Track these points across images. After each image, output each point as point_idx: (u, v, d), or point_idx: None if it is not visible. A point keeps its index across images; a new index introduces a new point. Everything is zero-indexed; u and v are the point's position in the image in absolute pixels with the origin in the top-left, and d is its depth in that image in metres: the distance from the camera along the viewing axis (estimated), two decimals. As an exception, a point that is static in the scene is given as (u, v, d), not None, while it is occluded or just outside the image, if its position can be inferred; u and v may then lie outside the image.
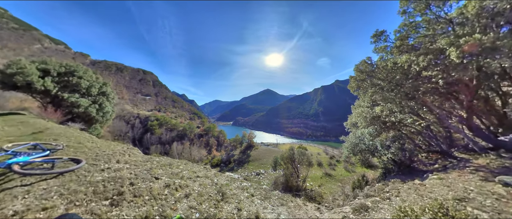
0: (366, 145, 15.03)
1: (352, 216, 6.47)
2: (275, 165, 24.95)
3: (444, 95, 11.17)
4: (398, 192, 8.38)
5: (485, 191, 5.87)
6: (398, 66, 10.51)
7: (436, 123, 12.87)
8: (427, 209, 4.25)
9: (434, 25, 8.85)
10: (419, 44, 9.61)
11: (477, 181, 6.71)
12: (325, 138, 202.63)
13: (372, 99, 14.06)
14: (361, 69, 13.53)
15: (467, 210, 4.89)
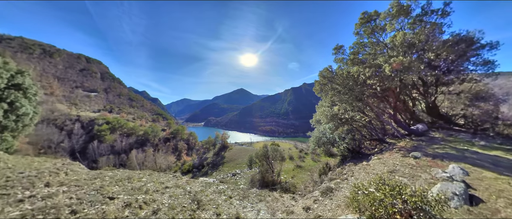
0: (327, 138, 17.30)
1: (321, 198, 7.81)
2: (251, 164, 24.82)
3: (380, 98, 14.65)
4: (352, 172, 10.55)
5: (404, 163, 8.34)
6: (351, 75, 13.13)
7: (375, 118, 16.58)
8: (372, 182, 5.44)
9: (376, 46, 11.68)
10: (365, 59, 12.39)
11: (400, 157, 9.34)
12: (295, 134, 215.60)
13: (332, 101, 16.65)
14: (324, 75, 15.89)
15: (395, 178, 6.95)
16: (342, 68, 14.25)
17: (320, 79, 15.83)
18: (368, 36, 12.46)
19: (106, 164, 34.84)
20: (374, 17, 12.03)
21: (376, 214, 4.07)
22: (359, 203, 4.76)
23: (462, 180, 5.85)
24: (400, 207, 3.92)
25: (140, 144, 57.25)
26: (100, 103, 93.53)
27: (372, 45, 12.24)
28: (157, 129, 68.76)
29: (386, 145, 13.09)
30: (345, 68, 13.89)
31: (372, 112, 15.78)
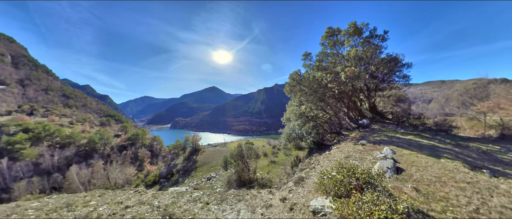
0: (296, 134, 18.84)
1: (295, 187, 8.65)
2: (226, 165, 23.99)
3: (337, 99, 17.32)
4: (318, 162, 12.09)
5: (356, 149, 10.25)
6: (316, 79, 15.02)
7: (333, 115, 19.38)
8: (334, 167, 6.48)
9: (336, 57, 13.86)
10: (327, 66, 14.48)
11: (352, 145, 11.38)
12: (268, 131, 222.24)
13: (300, 100, 18.42)
14: (294, 78, 17.42)
15: (350, 161, 8.49)
16: (309, 73, 16.11)
17: (290, 81, 17.27)
18: (330, 47, 14.82)
19: (27, 191, 25.01)
20: (336, 33, 14.46)
21: (338, 192, 4.86)
22: (326, 186, 5.43)
23: (392, 157, 7.76)
24: (355, 183, 4.88)
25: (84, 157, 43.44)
26: (11, 101, 63.67)
27: (333, 55, 14.60)
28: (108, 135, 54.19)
29: (342, 136, 15.62)
30: (311, 73, 15.79)
31: (331, 110, 18.42)
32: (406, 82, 16.22)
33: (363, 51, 12.28)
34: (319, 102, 16.50)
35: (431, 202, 4.43)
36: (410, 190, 5.05)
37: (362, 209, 3.71)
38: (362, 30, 13.93)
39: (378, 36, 14.47)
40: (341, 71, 12.11)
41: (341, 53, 14.78)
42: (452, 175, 5.76)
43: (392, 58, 15.45)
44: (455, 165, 6.72)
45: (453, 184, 5.20)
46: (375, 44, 14.07)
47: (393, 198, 4.36)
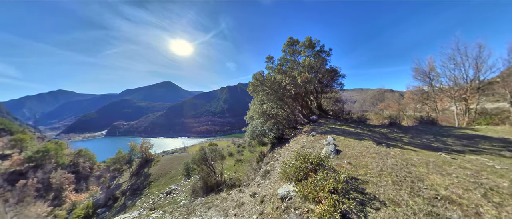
0: (259, 131, 19.46)
1: (262, 181, 9.17)
2: (188, 172, 21.39)
3: (293, 99, 19.76)
4: (280, 154, 13.33)
5: (308, 140, 12.09)
6: (276, 80, 16.54)
7: (290, 113, 21.90)
8: (293, 156, 7.31)
9: (294, 63, 15.86)
10: (287, 71, 16.30)
11: (306, 137, 13.31)
12: (232, 131, 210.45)
13: (262, 100, 19.59)
14: (257, 78, 18.31)
15: (305, 150, 9.96)
16: (271, 75, 17.52)
17: (253, 81, 18.00)
18: (290, 55, 16.99)
19: None
20: (295, 43, 16.75)
21: (299, 177, 5.60)
22: (288, 174, 6.04)
23: (333, 143, 9.77)
24: (310, 167, 5.77)
25: None
26: None
27: (292, 62, 16.79)
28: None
29: (298, 130, 17.96)
30: (273, 75, 17.24)
31: (289, 108, 20.75)
32: (341, 88, 21.40)
33: (315, 61, 14.99)
34: (279, 101, 18.16)
35: (358, 170, 6.02)
36: (346, 164, 6.59)
37: (317, 185, 4.50)
38: (315, 44, 17.02)
39: (325, 52, 18.07)
40: (297, 76, 14.19)
41: (298, 61, 17.22)
42: (368, 150, 8.04)
43: (333, 69, 19.81)
44: (369, 143, 9.38)
45: (369, 155, 7.28)
46: (323, 57, 17.50)
47: (336, 172, 5.55)
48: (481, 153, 7.96)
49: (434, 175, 5.54)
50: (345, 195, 4.37)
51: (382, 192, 4.65)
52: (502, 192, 4.48)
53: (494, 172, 5.76)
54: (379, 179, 5.34)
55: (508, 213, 3.72)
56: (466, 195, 4.39)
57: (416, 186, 4.84)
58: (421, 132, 13.07)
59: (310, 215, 4.09)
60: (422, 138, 11.10)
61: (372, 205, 4.13)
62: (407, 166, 6.23)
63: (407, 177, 5.35)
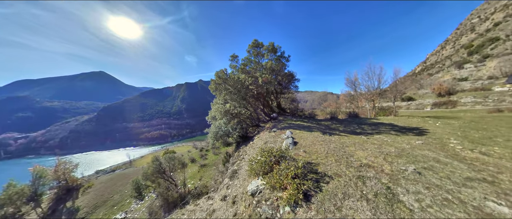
0: (223, 131, 19.20)
1: (231, 182, 8.98)
2: (140, 192, 17.58)
3: (256, 98, 20.61)
4: (245, 152, 13.52)
5: (270, 136, 13.03)
6: (240, 80, 16.65)
7: (253, 112, 22.73)
8: (258, 153, 7.81)
9: (257, 65, 16.43)
10: (250, 71, 16.69)
11: (268, 133, 14.27)
12: (192, 133, 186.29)
13: (225, 99, 19.13)
14: (220, 76, 17.62)
15: (268, 145, 10.69)
16: (235, 74, 17.40)
17: (216, 79, 17.23)
18: (254, 56, 17.55)
19: None
20: (260, 46, 17.45)
21: (265, 170, 5.96)
22: (255, 170, 6.30)
23: (291, 136, 11.08)
24: (274, 160, 6.27)
25: None
26: None
27: (255, 63, 17.44)
28: None
29: (260, 128, 18.91)
30: (236, 74, 17.19)
31: (251, 107, 21.45)
32: (296, 90, 24.65)
33: (275, 65, 16.28)
34: (242, 100, 18.35)
35: (311, 155, 7.18)
36: (302, 152, 7.66)
37: (282, 174, 4.99)
38: (276, 50, 18.49)
39: (285, 58, 20.09)
40: (259, 76, 14.93)
41: (261, 63, 18.08)
42: (317, 139, 9.74)
43: (291, 73, 22.45)
44: (317, 133, 11.37)
45: (318, 143, 8.84)
46: (283, 62, 19.35)
47: (295, 160, 6.34)
48: (381, 133, 11.62)
49: (359, 151, 7.53)
50: (304, 178, 5.11)
51: (329, 169, 5.81)
52: (392, 155, 6.83)
53: (387, 144, 8.57)
54: (326, 160, 6.62)
55: (396, 166, 5.72)
56: (375, 160, 6.33)
57: (349, 160, 6.41)
58: (350, 122, 17.34)
59: (280, 202, 4.48)
60: (350, 127, 14.75)
61: (324, 180, 5.09)
62: (343, 147, 8.08)
63: (343, 155, 6.96)
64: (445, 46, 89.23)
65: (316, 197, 4.40)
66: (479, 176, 5.10)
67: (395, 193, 4.32)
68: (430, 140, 9.19)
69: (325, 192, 4.55)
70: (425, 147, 7.95)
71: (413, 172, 5.33)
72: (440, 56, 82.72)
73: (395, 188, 4.54)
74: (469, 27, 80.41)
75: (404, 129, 12.58)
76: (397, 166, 5.87)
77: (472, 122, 13.62)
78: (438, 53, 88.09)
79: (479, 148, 7.59)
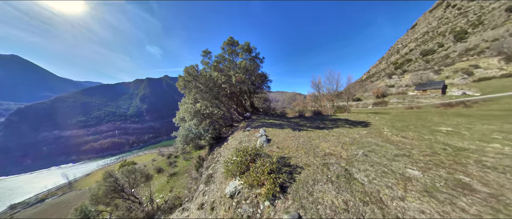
0: (194, 133, 17.81)
1: (207, 187, 8.45)
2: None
3: (229, 98, 20.19)
4: (220, 154, 13.02)
5: (245, 135, 13.10)
6: (212, 78, 15.86)
7: (226, 111, 22.21)
8: (233, 153, 7.82)
9: (231, 63, 15.98)
10: (223, 69, 16.10)
11: (242, 133, 14.28)
12: (156, 139, 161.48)
13: (195, 98, 17.78)
14: (190, 72, 16.14)
15: (243, 145, 10.73)
16: (207, 71, 16.36)
17: (185, 76, 15.74)
18: (229, 54, 16.95)
19: None
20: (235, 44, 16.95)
21: (241, 170, 5.97)
22: (231, 171, 6.23)
23: (265, 134, 11.52)
24: (249, 158, 6.36)
25: None
26: None
27: (229, 61, 16.92)
28: None
29: (234, 127, 18.70)
30: (208, 71, 16.21)
31: (224, 107, 20.90)
32: (269, 90, 25.84)
33: (250, 65, 16.34)
34: (214, 100, 17.59)
35: (284, 150, 7.71)
36: (275, 148, 8.10)
37: (258, 172, 5.13)
38: (251, 50, 18.53)
39: (259, 59, 20.47)
40: (233, 75, 14.65)
41: (235, 61, 17.72)
42: (288, 135, 10.53)
43: (264, 74, 23.26)
44: (288, 130, 12.29)
45: (289, 139, 9.58)
46: (257, 63, 19.64)
47: (270, 156, 6.64)
48: (338, 126, 13.74)
49: (323, 142, 8.64)
50: (279, 172, 5.44)
51: (300, 161, 6.40)
52: (347, 144, 8.21)
53: (343, 135, 10.22)
54: (297, 153, 7.26)
55: (350, 152, 6.93)
56: (335, 149, 7.44)
57: (316, 151, 7.28)
58: (315, 119, 19.60)
59: (259, 198, 4.59)
60: (315, 123, 16.70)
61: (296, 172, 5.57)
62: (310, 141, 9.06)
63: (311, 147, 7.82)
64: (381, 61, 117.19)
65: (291, 187, 4.77)
66: (401, 152, 6.86)
67: (351, 173, 5.26)
68: (372, 130, 11.57)
69: (298, 181, 5.00)
70: (369, 135, 9.95)
71: (362, 155, 6.59)
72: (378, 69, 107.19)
73: (350, 169, 5.51)
74: (396, 50, 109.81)
75: (355, 123, 15.30)
76: (351, 151, 7.11)
77: (396, 115, 18.05)
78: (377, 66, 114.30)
79: (401, 133, 10.16)
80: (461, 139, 8.27)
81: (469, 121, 12.30)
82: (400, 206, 3.85)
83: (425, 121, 13.69)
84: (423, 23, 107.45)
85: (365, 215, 3.63)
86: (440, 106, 20.95)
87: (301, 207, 4.00)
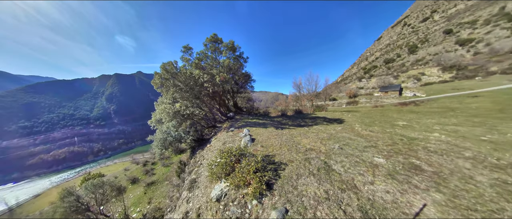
0: (173, 136, 16.29)
1: (191, 194, 7.95)
2: None
3: (211, 98, 19.48)
4: (203, 157, 12.46)
5: (228, 135, 12.87)
6: (193, 76, 15.02)
7: (208, 112, 21.41)
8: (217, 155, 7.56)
9: (214, 61, 15.33)
10: (205, 67, 15.40)
11: (225, 133, 13.99)
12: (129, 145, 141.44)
13: (173, 97, 16.57)
14: (167, 69, 14.87)
15: (227, 145, 10.52)
16: (187, 68, 15.35)
17: (162, 73, 14.51)
18: (212, 52, 16.18)
19: None
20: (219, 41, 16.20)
21: (227, 172, 5.86)
22: (216, 173, 6.06)
23: (249, 134, 11.54)
24: (234, 159, 6.29)
25: None
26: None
27: (212, 59, 16.19)
28: None
29: (217, 128, 18.16)
30: (189, 69, 15.25)
31: (206, 107, 20.11)
32: (252, 90, 25.89)
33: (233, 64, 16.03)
34: (195, 99, 16.74)
35: (268, 149, 7.87)
36: (260, 147, 8.20)
37: (244, 172, 5.11)
38: (236, 49, 18.13)
39: (243, 58, 20.26)
40: (216, 74, 14.17)
41: (218, 59, 17.10)
42: (271, 133, 10.80)
43: (247, 74, 23.22)
44: (272, 129, 12.61)
45: (272, 137, 9.83)
46: (241, 62, 19.39)
47: (255, 156, 6.70)
48: (317, 124, 14.77)
49: (304, 139, 9.15)
50: (265, 170, 5.53)
51: (283, 157, 6.64)
52: (325, 139, 8.91)
53: (322, 131, 11.04)
54: (280, 150, 7.51)
55: (328, 146, 7.55)
56: (315, 144, 7.99)
57: (298, 147, 7.66)
58: (296, 118, 20.60)
59: (247, 198, 4.57)
60: (297, 121, 17.57)
61: (281, 168, 5.76)
62: (292, 138, 9.49)
63: (293, 144, 8.20)
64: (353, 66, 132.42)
65: (277, 183, 4.91)
66: (370, 144, 7.80)
67: (330, 165, 5.72)
68: (346, 126, 12.81)
69: (283, 177, 5.18)
70: (343, 131, 10.99)
71: (338, 148, 7.24)
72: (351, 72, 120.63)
73: (329, 161, 6.00)
74: (365, 57, 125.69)
75: (331, 120, 16.67)
76: (329, 146, 7.73)
77: (365, 113, 20.39)
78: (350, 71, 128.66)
79: (369, 128, 11.54)
80: (413, 131, 9.89)
81: (418, 117, 14.79)
82: (371, 189, 4.41)
83: (387, 117, 15.88)
84: (386, 37, 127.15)
85: (343, 201, 4.02)
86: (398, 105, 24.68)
87: (287, 201, 4.16)
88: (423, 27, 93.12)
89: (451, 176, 4.89)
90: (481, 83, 27.15)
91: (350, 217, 3.58)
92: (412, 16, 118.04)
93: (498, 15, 56.41)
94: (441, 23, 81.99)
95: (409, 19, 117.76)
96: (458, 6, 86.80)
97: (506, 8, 56.98)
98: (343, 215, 3.63)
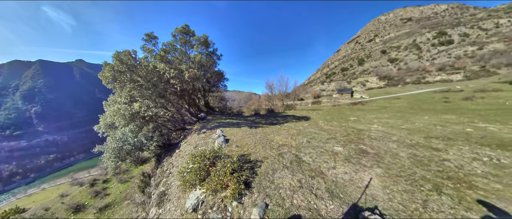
0: (132, 144, 13.61)
1: (160, 210, 6.89)
2: None
3: (179, 96, 17.71)
4: (172, 164, 11.11)
5: (200, 138, 12.11)
6: (157, 70, 13.06)
7: (176, 112, 19.42)
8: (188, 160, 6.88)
9: (183, 55, 13.79)
10: (173, 61, 13.68)
11: (197, 136, 13.08)
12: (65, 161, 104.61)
13: (130, 95, 13.85)
14: (123, 59, 12.22)
15: (199, 149, 9.87)
16: (149, 60, 13.09)
17: (116, 64, 11.87)
18: (181, 44, 14.28)
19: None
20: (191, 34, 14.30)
21: (201, 177, 5.50)
22: (189, 181, 5.60)
23: (222, 135, 11.22)
24: (208, 162, 5.94)
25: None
26: None
27: (181, 53, 14.37)
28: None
29: (187, 131, 16.72)
30: (152, 62, 13.05)
31: (173, 107, 18.18)
32: (225, 89, 25.18)
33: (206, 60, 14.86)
34: (159, 98, 14.71)
35: (243, 148, 7.91)
36: (235, 148, 8.13)
37: (220, 174, 4.93)
38: (209, 44, 16.71)
39: (217, 55, 19.18)
40: (185, 70, 12.82)
41: (188, 54, 15.44)
42: (245, 133, 10.90)
43: (220, 72, 22.40)
44: (246, 128, 12.71)
45: (247, 136, 9.94)
46: (214, 59, 18.23)
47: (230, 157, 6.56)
48: (288, 121, 15.96)
49: (276, 136, 9.70)
50: (241, 169, 5.51)
51: (259, 155, 6.83)
52: (295, 134, 9.78)
53: (292, 128, 12.01)
54: (255, 148, 7.69)
55: (298, 141, 8.30)
56: (286, 140, 8.65)
57: (271, 144, 8.06)
58: (269, 116, 21.52)
59: (226, 201, 4.41)
60: (269, 120, 18.38)
61: (257, 166, 5.90)
62: (265, 136, 9.87)
63: (267, 142, 8.56)
64: (318, 72, 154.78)
65: (254, 181, 4.99)
66: (330, 136, 9.11)
67: (300, 157, 6.33)
68: (312, 122, 14.39)
69: (260, 174, 5.33)
70: (310, 127, 12.31)
71: (306, 142, 8.07)
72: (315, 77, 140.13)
73: (299, 154, 6.63)
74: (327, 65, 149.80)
75: (300, 118, 18.32)
76: (298, 140, 8.51)
77: (326, 111, 23.54)
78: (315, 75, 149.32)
79: (329, 123, 13.40)
80: (360, 124, 12.20)
81: (364, 113, 18.40)
82: (334, 173, 5.27)
83: (342, 114, 18.95)
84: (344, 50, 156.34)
85: (314, 186, 4.55)
86: (350, 104, 29.88)
87: (266, 196, 4.31)
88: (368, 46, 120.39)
89: (385, 155, 6.65)
90: (401, 90, 37.52)
91: (320, 198, 4.13)
92: (362, 36, 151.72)
93: (412, 44, 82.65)
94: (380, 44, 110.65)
95: (359, 38, 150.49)
96: (390, 35, 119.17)
97: (417, 41, 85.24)
98: (315, 198, 4.15)
